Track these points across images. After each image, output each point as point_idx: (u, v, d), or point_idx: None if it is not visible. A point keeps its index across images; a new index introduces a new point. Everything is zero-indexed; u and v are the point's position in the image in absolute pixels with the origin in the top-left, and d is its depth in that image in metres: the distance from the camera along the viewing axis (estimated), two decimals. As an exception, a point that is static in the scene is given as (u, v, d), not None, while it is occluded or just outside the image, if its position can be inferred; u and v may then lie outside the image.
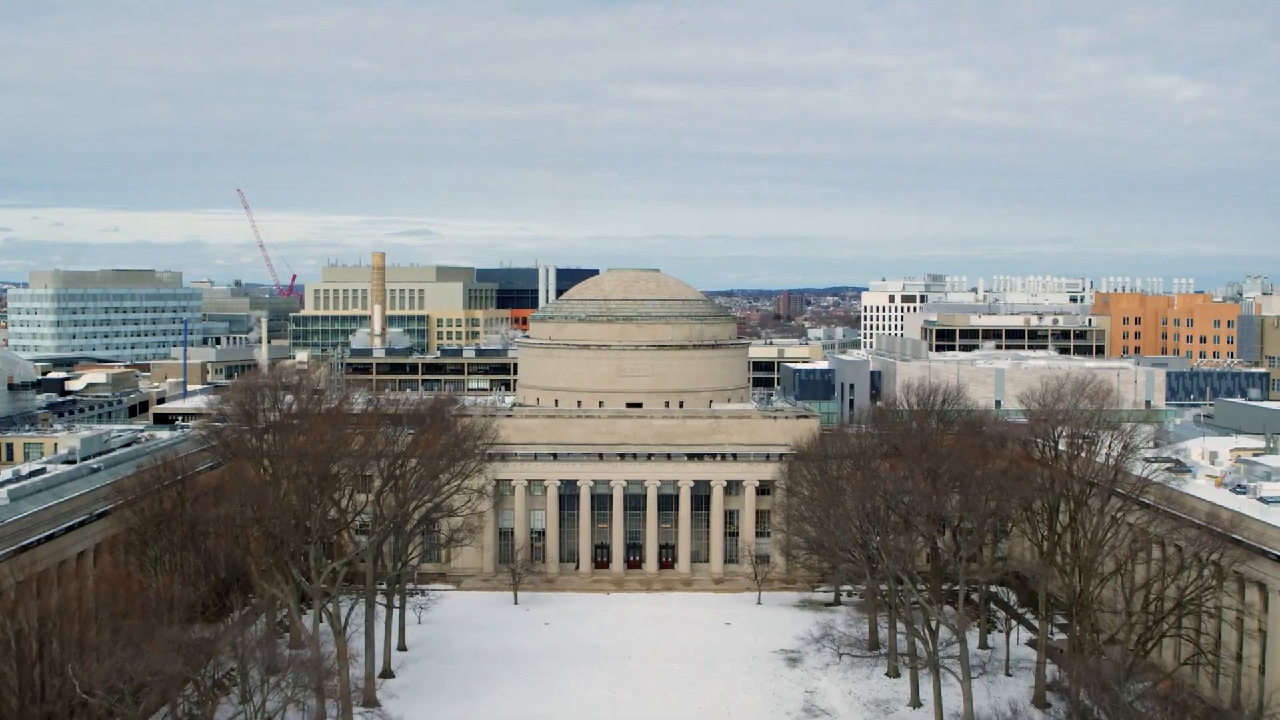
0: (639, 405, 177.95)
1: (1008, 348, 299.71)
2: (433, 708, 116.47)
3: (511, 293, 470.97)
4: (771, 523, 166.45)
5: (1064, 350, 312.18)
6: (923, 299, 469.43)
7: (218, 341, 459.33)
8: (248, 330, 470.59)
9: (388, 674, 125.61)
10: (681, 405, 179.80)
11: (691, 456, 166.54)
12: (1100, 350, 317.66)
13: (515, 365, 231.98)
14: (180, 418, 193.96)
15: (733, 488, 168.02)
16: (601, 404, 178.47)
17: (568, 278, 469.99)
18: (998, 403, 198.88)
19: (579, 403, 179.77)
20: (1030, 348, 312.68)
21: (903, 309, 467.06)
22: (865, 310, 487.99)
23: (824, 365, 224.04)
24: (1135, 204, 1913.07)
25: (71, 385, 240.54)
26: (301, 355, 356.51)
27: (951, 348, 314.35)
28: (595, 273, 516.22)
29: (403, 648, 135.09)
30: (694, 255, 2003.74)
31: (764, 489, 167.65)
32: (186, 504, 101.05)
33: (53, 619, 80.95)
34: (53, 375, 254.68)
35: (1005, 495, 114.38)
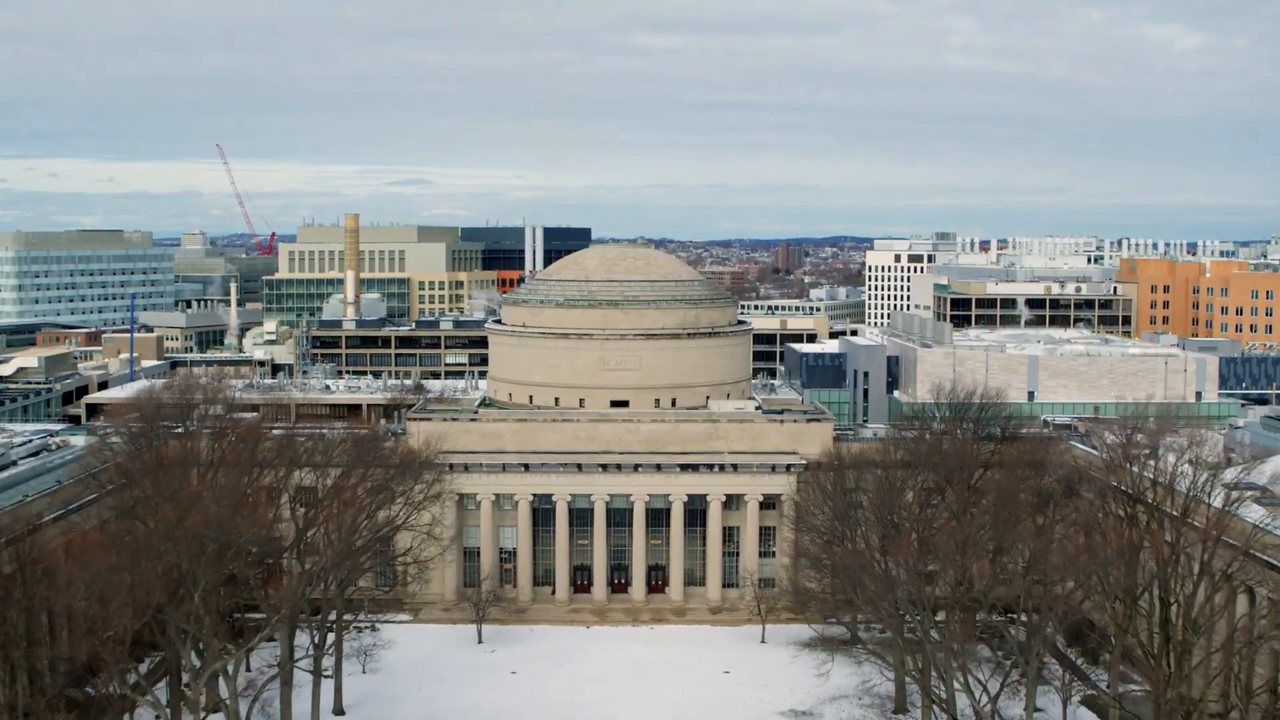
0: (625, 404, 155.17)
1: (1029, 322, 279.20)
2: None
3: (498, 253, 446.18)
4: (778, 543, 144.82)
5: (1088, 321, 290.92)
6: (930, 258, 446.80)
7: (188, 305, 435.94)
8: (224, 292, 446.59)
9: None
10: (674, 403, 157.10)
11: (685, 467, 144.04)
12: (1126, 321, 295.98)
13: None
14: (98, 416, 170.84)
15: (733, 502, 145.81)
16: (582, 402, 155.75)
17: (556, 237, 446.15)
18: (1031, 394, 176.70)
19: (556, 400, 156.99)
20: (1052, 319, 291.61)
21: (909, 269, 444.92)
22: (870, 270, 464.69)
23: (834, 349, 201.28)
24: (1135, 153, 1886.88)
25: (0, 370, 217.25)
26: (269, 325, 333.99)
27: (968, 319, 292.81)
28: (586, 233, 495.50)
29: (340, 710, 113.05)
30: (691, 205, 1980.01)
31: (769, 503, 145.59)
32: (28, 579, 77.08)
33: None
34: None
35: (1087, 574, 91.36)
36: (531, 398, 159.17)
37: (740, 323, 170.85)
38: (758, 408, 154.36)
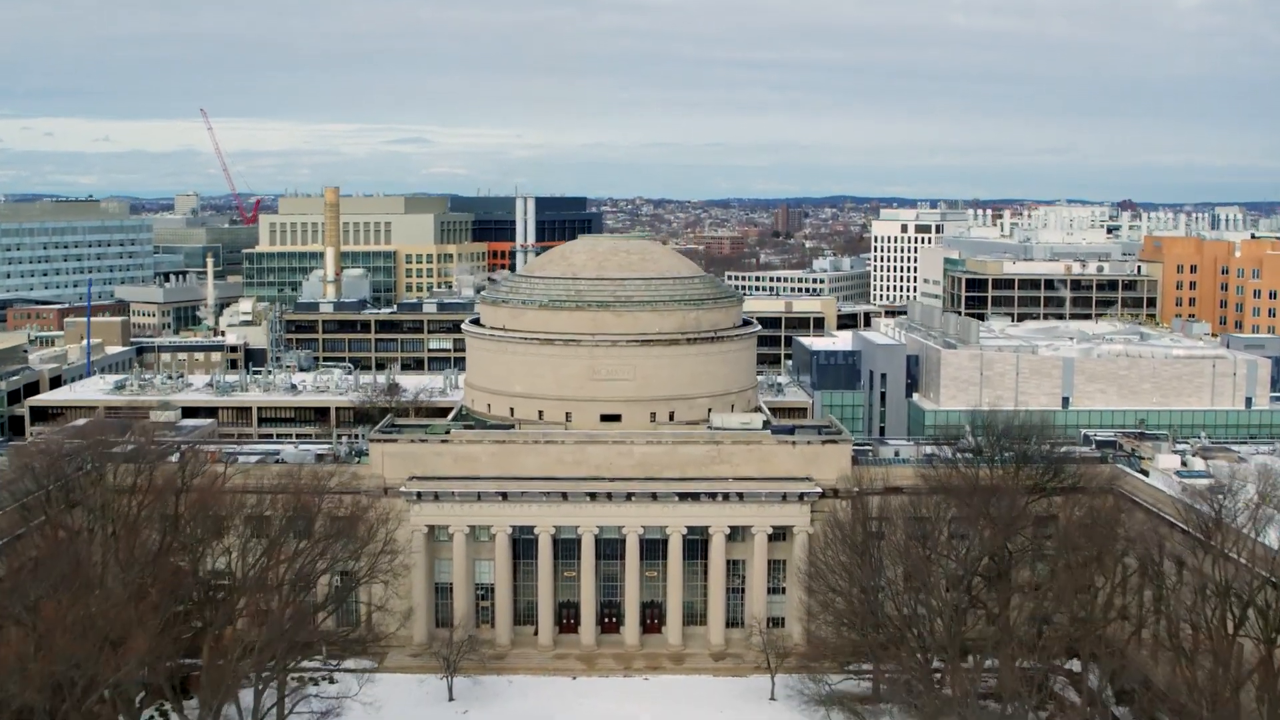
0: (617, 417, 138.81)
1: (1058, 305, 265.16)
2: None
3: (489, 224, 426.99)
4: (789, 584, 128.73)
5: (1110, 303, 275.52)
6: (939, 229, 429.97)
7: (167, 278, 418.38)
8: (203, 265, 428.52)
9: None
10: (672, 416, 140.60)
11: (684, 496, 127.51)
12: (1151, 304, 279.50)
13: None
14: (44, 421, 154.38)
15: (738, 533, 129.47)
16: (569, 415, 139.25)
17: (550, 207, 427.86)
18: (1065, 400, 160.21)
19: (540, 413, 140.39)
20: (1073, 301, 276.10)
21: (916, 240, 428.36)
22: (875, 240, 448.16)
23: (847, 345, 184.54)
24: (1136, 112, 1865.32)
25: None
26: (245, 305, 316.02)
27: (984, 300, 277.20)
28: (581, 202, 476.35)
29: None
30: (690, 163, 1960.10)
31: (779, 534, 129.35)
32: None
33: None
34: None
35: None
36: (513, 410, 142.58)
37: (745, 323, 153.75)
38: (765, 422, 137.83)
